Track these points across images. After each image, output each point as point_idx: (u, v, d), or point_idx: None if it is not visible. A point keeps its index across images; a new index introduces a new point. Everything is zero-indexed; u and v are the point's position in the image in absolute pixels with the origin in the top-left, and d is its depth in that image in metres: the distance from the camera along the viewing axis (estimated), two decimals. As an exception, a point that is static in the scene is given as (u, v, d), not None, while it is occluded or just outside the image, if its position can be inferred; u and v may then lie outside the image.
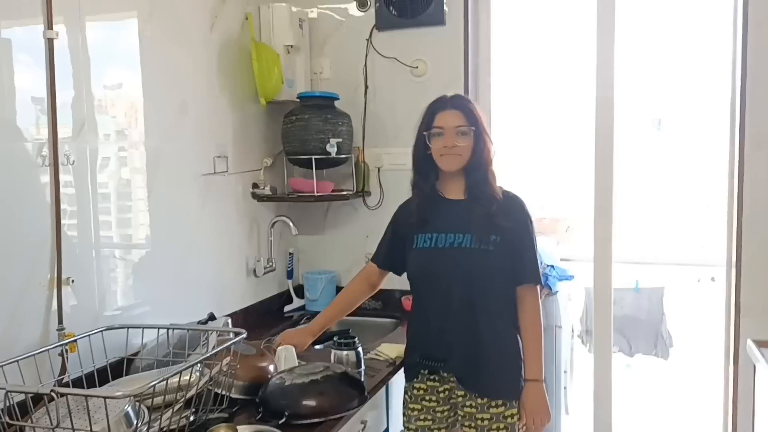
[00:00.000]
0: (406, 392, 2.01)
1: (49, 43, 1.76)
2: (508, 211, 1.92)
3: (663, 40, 3.89)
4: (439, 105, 1.95)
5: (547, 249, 3.35)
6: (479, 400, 1.90)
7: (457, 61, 2.71)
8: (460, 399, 1.93)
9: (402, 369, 2.06)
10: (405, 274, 2.04)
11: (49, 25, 1.75)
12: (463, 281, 1.89)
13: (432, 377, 1.95)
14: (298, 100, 2.69)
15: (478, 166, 1.93)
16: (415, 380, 1.97)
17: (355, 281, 2.20)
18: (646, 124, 4.18)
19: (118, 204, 2.06)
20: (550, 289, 2.99)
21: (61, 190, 1.79)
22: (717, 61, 2.82)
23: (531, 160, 3.96)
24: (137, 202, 2.12)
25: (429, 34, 2.72)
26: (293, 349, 2.02)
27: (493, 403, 1.89)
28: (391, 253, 2.07)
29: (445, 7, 2.68)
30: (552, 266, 3.07)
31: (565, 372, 3.20)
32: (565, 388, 3.21)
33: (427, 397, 1.96)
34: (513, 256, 1.91)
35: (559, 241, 3.73)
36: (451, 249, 1.90)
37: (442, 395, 1.95)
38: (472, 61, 2.75)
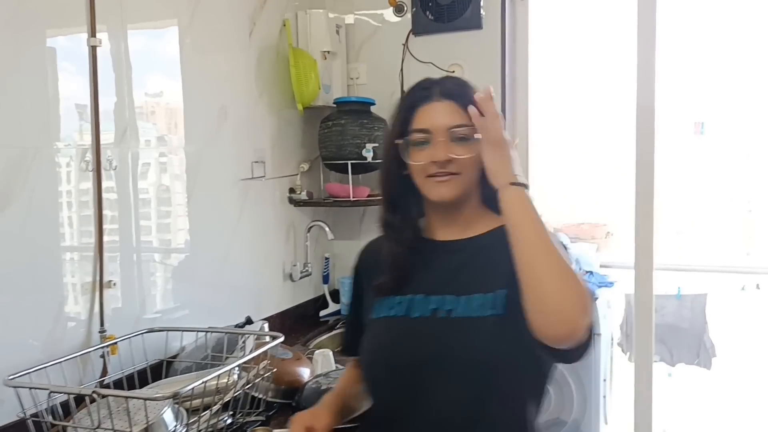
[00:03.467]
0: None
1: (93, 51, 1.80)
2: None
3: (706, 41, 3.81)
4: (419, 94, 1.25)
5: (587, 255, 3.30)
6: None
7: (494, 65, 2.69)
8: None
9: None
10: None
11: (93, 33, 1.79)
12: (455, 376, 1.14)
13: None
14: (335, 105, 2.71)
15: (489, 185, 1.20)
16: None
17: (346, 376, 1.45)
18: (689, 127, 4.09)
19: (159, 209, 2.09)
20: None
21: (104, 195, 1.83)
22: (763, 64, 2.75)
23: (571, 165, 3.91)
24: (177, 206, 2.14)
25: (465, 38, 2.71)
26: (330, 353, 2.02)
27: None
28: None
29: (482, 11, 2.66)
30: (591, 272, 3.02)
31: (604, 381, 3.14)
32: (604, 397, 3.15)
33: None
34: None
35: (599, 247, 3.66)
36: (435, 320, 1.18)
37: None
38: (510, 64, 2.73)
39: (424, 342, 1.17)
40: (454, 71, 2.72)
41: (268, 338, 1.83)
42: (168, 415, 1.47)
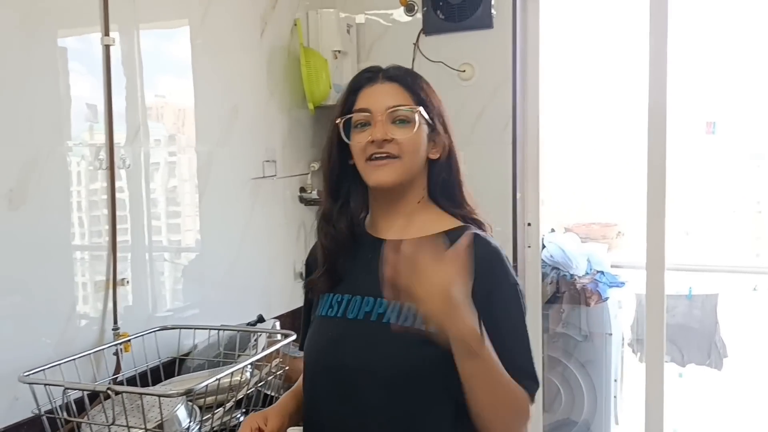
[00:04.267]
0: None
1: (106, 50, 1.81)
2: (474, 262, 1.04)
3: (719, 40, 3.79)
4: (364, 76, 1.24)
5: (598, 255, 3.30)
6: None
7: (505, 64, 2.68)
8: None
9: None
10: None
11: (106, 32, 1.80)
12: (380, 383, 1.13)
13: None
14: (346, 104, 2.71)
15: (437, 177, 1.22)
16: None
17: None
18: (700, 126, 4.07)
19: (170, 208, 2.09)
20: (600, 295, 2.94)
21: (116, 193, 1.84)
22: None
23: (581, 164, 3.90)
24: (188, 206, 2.15)
25: (476, 37, 2.70)
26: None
27: None
28: None
29: (493, 11, 2.66)
30: (602, 272, 3.02)
31: (615, 381, 3.14)
32: (615, 397, 3.15)
33: None
34: None
35: (610, 247, 3.65)
36: (366, 324, 1.16)
37: None
38: (521, 64, 2.72)
39: (354, 345, 1.16)
40: (464, 70, 2.72)
41: (279, 336, 1.83)
42: (181, 412, 1.48)
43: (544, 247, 3.06)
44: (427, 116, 1.21)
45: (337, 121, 1.22)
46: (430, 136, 1.22)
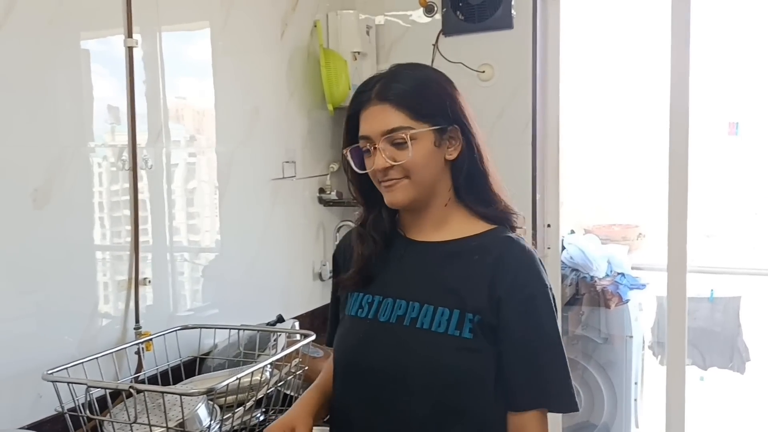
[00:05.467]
0: None
1: (129, 52, 1.83)
2: (505, 268, 1.13)
3: (742, 40, 3.75)
4: (360, 98, 1.19)
5: (618, 256, 3.27)
6: None
7: (524, 65, 2.67)
8: None
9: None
10: None
11: (129, 34, 1.82)
12: (412, 389, 1.13)
13: None
14: (365, 105, 2.71)
15: (458, 178, 1.20)
16: None
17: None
18: (723, 127, 4.03)
19: (192, 208, 2.11)
20: (621, 298, 2.91)
21: (139, 193, 1.86)
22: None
23: (602, 166, 3.87)
24: (209, 206, 2.17)
25: (496, 38, 2.69)
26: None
27: None
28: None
29: (513, 11, 2.65)
30: (623, 274, 3.00)
31: (635, 383, 3.11)
32: (635, 400, 3.12)
33: None
34: (506, 356, 1.12)
35: (631, 249, 3.62)
36: (399, 328, 1.15)
37: None
38: (541, 64, 2.70)
39: (387, 350, 1.16)
40: (484, 71, 2.72)
41: (299, 336, 1.84)
42: (202, 411, 1.49)
43: (563, 248, 3.04)
44: (427, 127, 1.15)
45: (344, 152, 1.21)
46: (442, 138, 1.17)
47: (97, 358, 1.62)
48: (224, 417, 1.54)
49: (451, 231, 1.21)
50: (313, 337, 1.76)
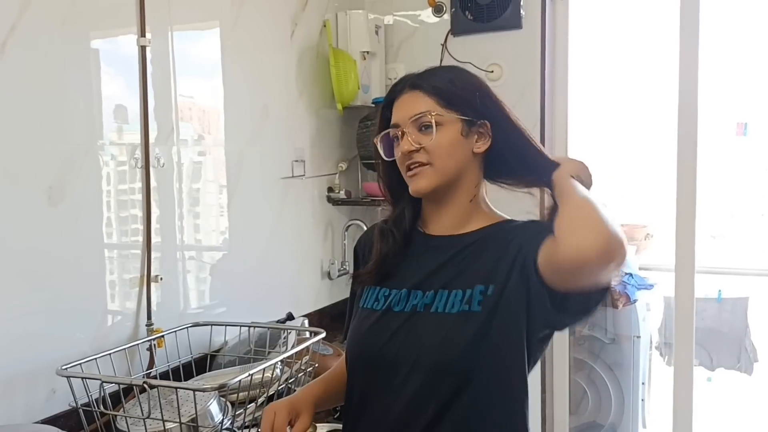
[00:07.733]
0: None
1: (142, 51, 1.84)
2: (517, 233, 1.18)
3: (751, 40, 3.74)
4: (394, 89, 1.24)
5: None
6: None
7: (533, 64, 2.68)
8: None
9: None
10: None
11: (142, 33, 1.83)
12: (425, 372, 1.13)
13: None
14: (373, 105, 2.72)
15: (492, 171, 1.24)
16: None
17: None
18: (731, 128, 4.02)
19: (202, 206, 2.12)
20: (629, 298, 2.91)
21: (151, 192, 1.87)
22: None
23: (610, 165, 3.86)
24: (219, 205, 2.18)
25: (505, 38, 2.70)
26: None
27: None
28: None
29: (522, 11, 2.66)
30: (630, 274, 2.99)
31: (642, 384, 3.11)
32: (642, 400, 3.12)
33: None
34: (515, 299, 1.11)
35: (638, 249, 3.62)
36: (412, 315, 1.17)
37: None
38: (549, 64, 2.71)
39: (399, 336, 1.16)
40: (493, 71, 2.72)
41: (308, 334, 1.85)
42: (214, 407, 1.51)
43: (571, 248, 3.03)
44: (455, 114, 1.17)
45: (374, 140, 1.24)
46: (470, 130, 1.19)
47: (110, 354, 1.64)
48: (236, 413, 1.55)
49: (469, 226, 1.23)
50: (323, 335, 1.78)
